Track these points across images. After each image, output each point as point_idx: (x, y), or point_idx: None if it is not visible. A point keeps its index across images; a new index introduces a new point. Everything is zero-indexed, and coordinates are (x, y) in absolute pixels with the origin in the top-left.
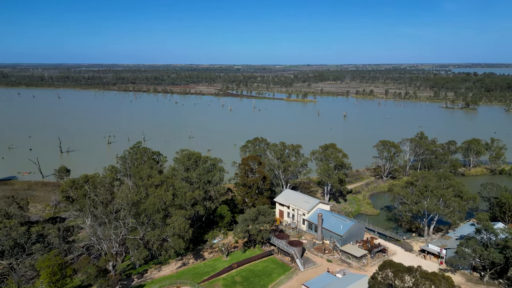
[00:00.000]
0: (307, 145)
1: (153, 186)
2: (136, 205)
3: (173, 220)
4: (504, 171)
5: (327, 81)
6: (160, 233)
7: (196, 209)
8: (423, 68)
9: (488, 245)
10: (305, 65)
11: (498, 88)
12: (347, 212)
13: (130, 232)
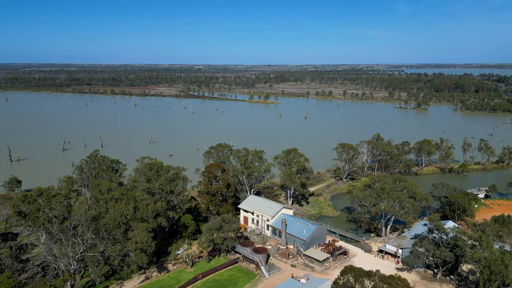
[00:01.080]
0: (270, 148)
1: (113, 200)
2: (95, 220)
3: (135, 234)
4: (453, 169)
5: (288, 82)
6: (122, 248)
7: (159, 221)
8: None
9: (440, 244)
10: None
11: (447, 88)
12: (309, 215)
13: (89, 248)
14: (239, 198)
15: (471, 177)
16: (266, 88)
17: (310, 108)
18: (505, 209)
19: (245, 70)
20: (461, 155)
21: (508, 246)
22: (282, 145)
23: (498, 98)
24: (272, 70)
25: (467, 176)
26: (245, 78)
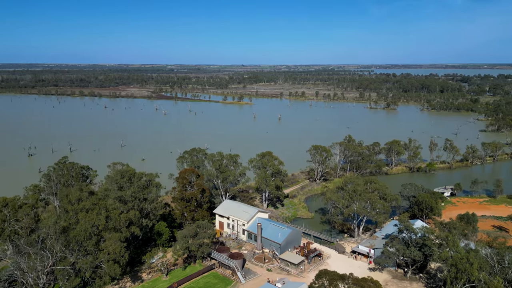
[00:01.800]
0: (245, 150)
1: (83, 211)
2: (65, 232)
3: (107, 245)
4: (421, 168)
5: (262, 83)
6: (93, 260)
7: (132, 230)
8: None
9: (409, 244)
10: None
11: (414, 88)
12: (284, 217)
13: (59, 261)
14: (214, 203)
15: (437, 176)
16: (240, 88)
17: (284, 109)
18: (470, 206)
19: (219, 70)
20: (428, 154)
21: (473, 243)
22: (257, 146)
23: (462, 98)
24: (246, 71)
25: (434, 174)
26: (219, 78)
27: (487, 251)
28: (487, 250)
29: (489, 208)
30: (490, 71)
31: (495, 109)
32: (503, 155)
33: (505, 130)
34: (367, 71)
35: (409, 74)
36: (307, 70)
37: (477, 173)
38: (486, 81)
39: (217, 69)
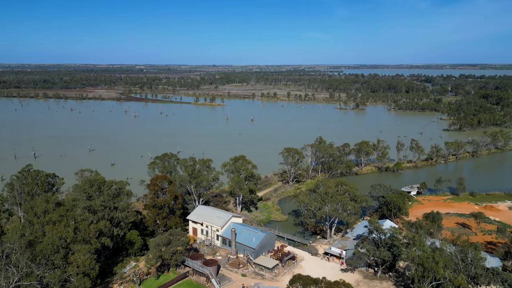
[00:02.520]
0: (218, 153)
1: (50, 223)
2: (31, 246)
3: (77, 258)
4: (389, 168)
5: (234, 83)
6: (62, 274)
7: (102, 241)
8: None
9: (379, 244)
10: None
11: (381, 88)
12: (258, 220)
13: (25, 276)
14: (188, 209)
15: (404, 175)
16: (212, 89)
17: (256, 110)
18: (435, 204)
19: (190, 70)
20: (395, 154)
21: (438, 241)
22: (230, 149)
23: (426, 98)
24: (217, 71)
25: (401, 174)
26: (190, 79)
27: (451, 249)
28: (452, 248)
29: (453, 206)
30: (452, 71)
31: (457, 109)
32: (465, 153)
33: (466, 129)
34: (336, 72)
35: (376, 75)
36: (279, 70)
37: (441, 171)
38: (448, 81)
39: (188, 69)
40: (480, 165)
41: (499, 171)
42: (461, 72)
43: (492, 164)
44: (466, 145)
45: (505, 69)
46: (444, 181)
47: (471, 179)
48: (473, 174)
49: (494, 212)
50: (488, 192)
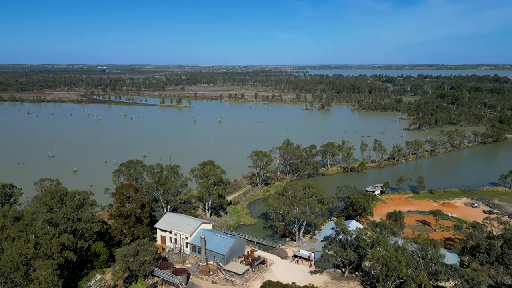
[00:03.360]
0: (185, 156)
1: (9, 239)
2: None
3: (38, 275)
4: (354, 168)
5: (200, 84)
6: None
7: (66, 255)
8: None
9: (346, 246)
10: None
11: (345, 89)
12: (228, 225)
13: None
14: (156, 217)
15: (369, 175)
16: (178, 90)
17: (224, 111)
18: (397, 203)
19: (155, 71)
20: (360, 154)
21: (400, 240)
22: (198, 152)
23: (387, 98)
24: (183, 71)
25: (366, 173)
26: (155, 80)
27: (413, 247)
28: (413, 246)
29: (414, 204)
30: (411, 72)
31: (416, 109)
32: (424, 152)
33: (425, 128)
34: (302, 72)
35: (341, 75)
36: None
37: (402, 170)
38: (408, 81)
39: (153, 70)
40: (438, 163)
41: (455, 169)
42: (419, 72)
43: (449, 162)
44: (425, 144)
45: (459, 69)
46: (405, 180)
47: (430, 177)
48: (432, 172)
49: (452, 208)
50: (446, 189)
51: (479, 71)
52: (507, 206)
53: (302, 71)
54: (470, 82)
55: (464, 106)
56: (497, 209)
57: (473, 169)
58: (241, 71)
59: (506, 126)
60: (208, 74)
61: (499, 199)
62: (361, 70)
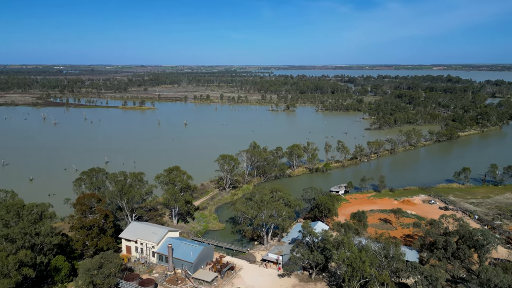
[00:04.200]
0: (150, 161)
1: None
2: None
3: None
4: (319, 169)
5: (164, 85)
6: None
7: (24, 272)
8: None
9: (313, 248)
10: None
11: (309, 90)
12: (196, 231)
13: None
14: (120, 226)
15: (333, 175)
16: (141, 92)
17: (189, 113)
18: (360, 202)
19: (116, 71)
20: (324, 155)
21: (364, 239)
22: (163, 157)
23: (349, 98)
24: (146, 71)
25: (330, 174)
26: (116, 81)
27: (375, 246)
28: (376, 245)
29: (376, 202)
30: (371, 72)
31: (376, 109)
32: (384, 151)
33: (385, 128)
34: (267, 73)
35: (304, 76)
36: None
37: (364, 169)
38: (368, 82)
39: (114, 70)
40: (398, 162)
41: (413, 167)
42: (379, 72)
43: (408, 161)
44: (385, 144)
45: (415, 70)
46: (367, 179)
47: (391, 176)
48: (392, 171)
49: (411, 206)
50: (405, 187)
51: (433, 71)
52: (461, 202)
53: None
54: (425, 82)
55: (420, 106)
56: (452, 205)
57: (429, 167)
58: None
59: (458, 125)
60: (172, 74)
61: (453, 195)
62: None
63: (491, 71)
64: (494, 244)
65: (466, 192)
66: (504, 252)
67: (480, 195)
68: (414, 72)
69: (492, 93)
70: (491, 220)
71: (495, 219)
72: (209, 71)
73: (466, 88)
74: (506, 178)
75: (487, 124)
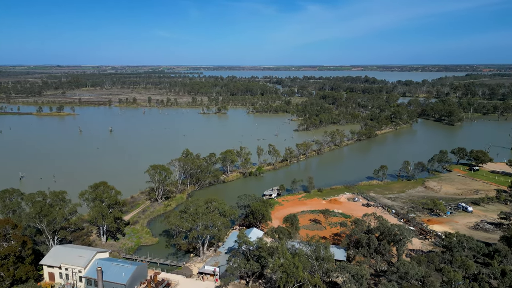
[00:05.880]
0: (72, 174)
1: None
2: None
3: None
4: (252, 173)
5: (85, 88)
6: None
7: None
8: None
9: (248, 257)
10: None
11: (240, 92)
12: (127, 248)
13: None
14: (41, 251)
15: (266, 178)
16: (59, 95)
17: (115, 118)
18: (292, 204)
19: (27, 72)
20: (257, 158)
21: (297, 242)
22: (87, 169)
23: (278, 100)
24: (64, 73)
25: (263, 177)
26: (29, 83)
27: (307, 249)
28: (308, 248)
29: (306, 203)
30: (297, 73)
31: (303, 110)
32: (312, 152)
33: (312, 128)
34: (196, 73)
35: (234, 77)
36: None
37: (295, 171)
38: (295, 83)
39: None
40: (324, 162)
41: (338, 166)
42: (305, 73)
43: (333, 160)
44: (312, 145)
45: (337, 70)
46: (297, 181)
47: (319, 176)
48: (320, 171)
49: (337, 204)
50: (332, 186)
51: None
52: (380, 198)
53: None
54: (346, 83)
55: (343, 106)
56: (373, 201)
57: (352, 165)
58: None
59: (376, 124)
60: (93, 75)
61: (374, 192)
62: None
63: (402, 72)
64: (409, 237)
65: (384, 188)
66: (418, 243)
67: (396, 190)
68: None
69: (403, 92)
70: (406, 214)
71: (409, 212)
72: (135, 72)
73: (381, 88)
74: (417, 173)
75: (399, 122)
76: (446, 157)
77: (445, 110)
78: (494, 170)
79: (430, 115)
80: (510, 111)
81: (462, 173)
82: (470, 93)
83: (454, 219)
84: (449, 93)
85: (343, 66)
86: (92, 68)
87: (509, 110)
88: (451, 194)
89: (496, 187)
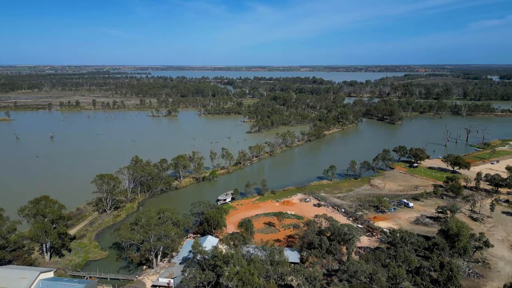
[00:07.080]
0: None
1: None
2: None
3: None
4: (206, 177)
5: (21, 90)
6: None
7: None
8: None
9: (204, 267)
10: None
11: (190, 93)
12: (74, 265)
13: None
14: None
15: (220, 182)
16: None
17: (56, 123)
18: (247, 207)
19: None
20: (210, 162)
21: (252, 247)
22: (26, 180)
23: (230, 101)
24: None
25: (217, 181)
26: None
27: (262, 254)
28: (263, 253)
29: (260, 206)
30: (248, 73)
31: (254, 111)
32: (265, 154)
33: (264, 130)
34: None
35: (184, 77)
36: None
37: (248, 174)
38: (246, 84)
39: None
40: (276, 164)
41: (290, 167)
42: (255, 74)
43: (285, 161)
44: (265, 147)
45: (286, 71)
46: (251, 184)
47: (271, 178)
48: (272, 173)
49: (290, 206)
50: (284, 187)
51: (301, 72)
52: (330, 197)
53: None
54: (295, 84)
55: (293, 107)
56: (323, 201)
57: (303, 166)
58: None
59: (324, 124)
60: (30, 77)
61: (324, 192)
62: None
63: (347, 72)
64: (358, 236)
65: (333, 187)
66: (366, 240)
67: (344, 189)
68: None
69: (349, 93)
70: (354, 212)
71: (357, 210)
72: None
73: (328, 89)
74: (363, 171)
75: (346, 122)
76: (389, 156)
77: (386, 109)
78: (431, 166)
79: (373, 114)
80: (444, 110)
81: (403, 170)
82: (409, 92)
83: (397, 215)
84: (390, 93)
85: (292, 67)
86: (29, 68)
87: (443, 109)
88: (394, 191)
89: (433, 183)
